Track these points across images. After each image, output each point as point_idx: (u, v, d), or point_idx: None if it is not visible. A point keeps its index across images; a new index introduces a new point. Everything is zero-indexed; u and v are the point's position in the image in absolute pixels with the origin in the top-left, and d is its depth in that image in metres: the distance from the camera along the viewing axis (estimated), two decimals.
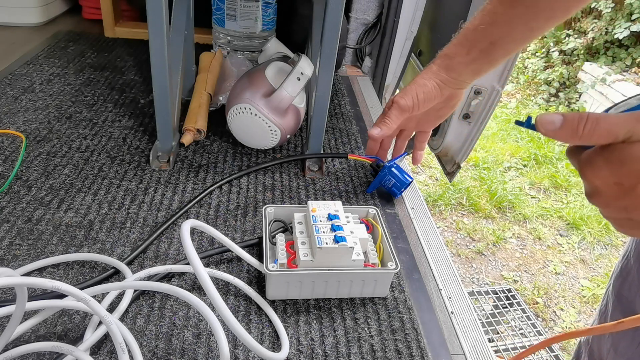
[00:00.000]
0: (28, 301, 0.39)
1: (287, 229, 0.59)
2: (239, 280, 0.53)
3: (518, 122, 0.36)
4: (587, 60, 3.53)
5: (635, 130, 0.28)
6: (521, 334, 1.54)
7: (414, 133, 0.72)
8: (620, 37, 3.31)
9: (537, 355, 1.47)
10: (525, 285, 1.96)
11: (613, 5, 3.36)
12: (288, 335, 0.49)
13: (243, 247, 0.57)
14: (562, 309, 1.87)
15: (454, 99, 0.62)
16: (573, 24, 3.72)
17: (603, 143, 0.30)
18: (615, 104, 0.34)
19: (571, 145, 0.34)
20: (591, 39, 3.54)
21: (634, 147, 0.28)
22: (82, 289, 0.42)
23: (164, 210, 0.64)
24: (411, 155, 0.72)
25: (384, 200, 0.73)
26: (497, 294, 1.65)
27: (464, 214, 2.37)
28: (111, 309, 0.48)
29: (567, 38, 3.65)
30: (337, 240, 0.50)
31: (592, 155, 0.31)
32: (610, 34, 3.41)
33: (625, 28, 3.29)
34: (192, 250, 0.43)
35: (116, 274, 0.53)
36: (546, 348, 1.48)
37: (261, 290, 0.53)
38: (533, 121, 0.32)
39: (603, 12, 3.44)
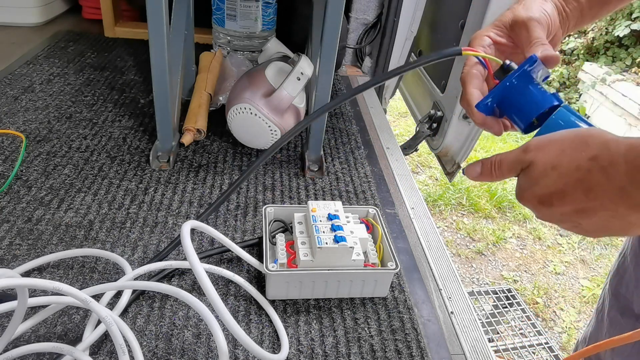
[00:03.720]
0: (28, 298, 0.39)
1: (287, 229, 0.59)
2: (239, 277, 0.53)
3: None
4: (587, 60, 3.53)
5: (524, 159, 0.35)
6: (521, 333, 1.54)
7: None
8: (621, 35, 3.30)
9: (537, 356, 1.47)
10: (525, 285, 1.96)
11: None
12: (288, 335, 0.49)
13: (243, 247, 0.57)
14: (562, 309, 1.87)
15: None
16: None
17: (513, 176, 0.36)
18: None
19: None
20: (591, 38, 3.53)
21: (529, 170, 0.34)
22: (81, 288, 0.42)
23: (164, 210, 0.64)
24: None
25: (384, 200, 0.73)
26: (497, 294, 1.65)
27: (464, 214, 2.37)
28: (111, 307, 0.48)
29: (567, 38, 3.65)
30: (337, 240, 0.50)
31: (517, 185, 0.36)
32: (611, 34, 3.40)
33: (626, 26, 3.29)
34: (192, 251, 0.43)
35: (121, 276, 0.53)
36: (546, 348, 1.48)
37: (261, 290, 0.53)
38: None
39: None
